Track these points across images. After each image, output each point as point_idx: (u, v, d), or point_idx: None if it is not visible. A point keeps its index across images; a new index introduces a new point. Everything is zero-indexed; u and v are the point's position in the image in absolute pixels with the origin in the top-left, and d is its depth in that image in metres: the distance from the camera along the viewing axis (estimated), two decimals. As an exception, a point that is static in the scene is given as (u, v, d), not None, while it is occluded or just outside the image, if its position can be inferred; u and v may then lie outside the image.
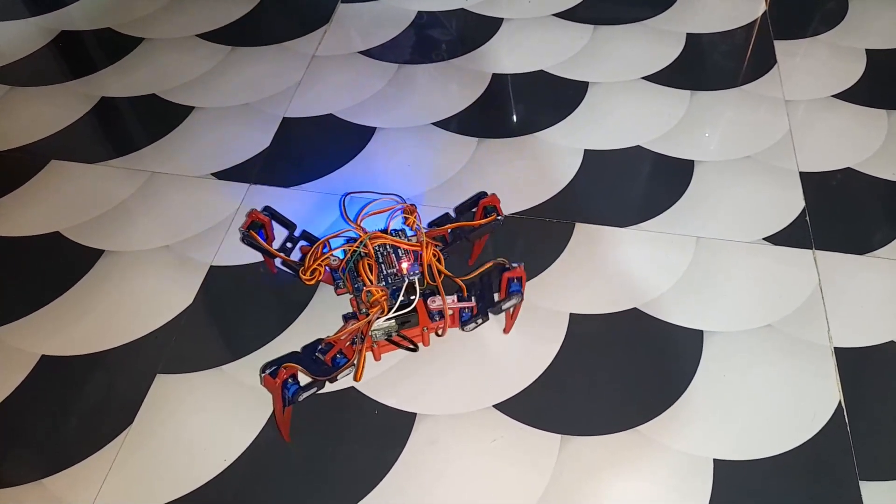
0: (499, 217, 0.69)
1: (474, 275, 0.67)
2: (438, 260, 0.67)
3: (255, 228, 0.69)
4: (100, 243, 0.80)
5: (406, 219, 0.70)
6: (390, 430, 0.64)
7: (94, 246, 0.79)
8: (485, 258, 0.76)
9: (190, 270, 0.76)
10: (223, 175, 0.87)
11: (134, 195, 0.85)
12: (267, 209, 0.71)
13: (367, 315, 0.62)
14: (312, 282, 0.68)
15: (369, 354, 0.66)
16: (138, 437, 0.64)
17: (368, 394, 0.66)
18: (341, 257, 0.68)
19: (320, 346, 0.61)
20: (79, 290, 0.75)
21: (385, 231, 0.69)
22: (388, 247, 0.67)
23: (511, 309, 0.66)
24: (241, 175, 0.87)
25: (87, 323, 0.72)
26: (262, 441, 0.63)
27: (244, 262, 0.77)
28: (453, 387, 0.67)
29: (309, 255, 0.68)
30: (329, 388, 0.67)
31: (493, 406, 0.65)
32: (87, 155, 0.90)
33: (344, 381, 0.67)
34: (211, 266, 0.77)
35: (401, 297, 0.63)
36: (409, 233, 0.70)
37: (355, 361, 0.61)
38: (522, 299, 0.65)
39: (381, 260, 0.66)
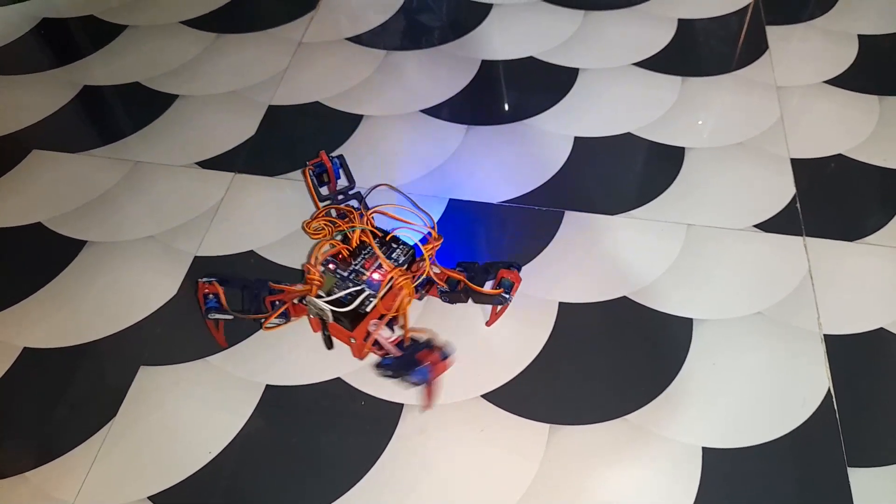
0: (505, 295, 0.65)
1: (418, 336, 0.63)
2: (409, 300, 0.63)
3: (319, 170, 0.71)
4: (83, 234, 0.78)
5: (426, 241, 0.66)
6: (378, 420, 0.63)
7: (76, 237, 0.78)
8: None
9: (174, 261, 0.75)
10: (208, 164, 0.86)
11: (117, 185, 0.83)
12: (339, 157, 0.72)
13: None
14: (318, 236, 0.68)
15: (305, 321, 0.66)
16: (122, 430, 0.63)
17: (355, 384, 0.66)
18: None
19: (269, 288, 0.64)
20: (61, 282, 0.74)
21: (386, 235, 0.66)
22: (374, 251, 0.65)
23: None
24: (226, 164, 0.85)
25: (69, 314, 0.71)
26: (248, 433, 0.63)
27: (229, 252, 0.76)
28: (441, 377, 0.66)
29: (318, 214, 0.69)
30: (315, 379, 0.66)
31: (482, 396, 0.65)
32: (69, 144, 0.89)
33: (330, 372, 0.67)
34: (195, 256, 0.76)
35: (341, 294, 0.60)
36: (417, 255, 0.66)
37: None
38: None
39: (362, 254, 0.64)
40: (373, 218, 0.69)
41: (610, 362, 0.67)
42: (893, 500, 0.58)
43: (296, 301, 0.64)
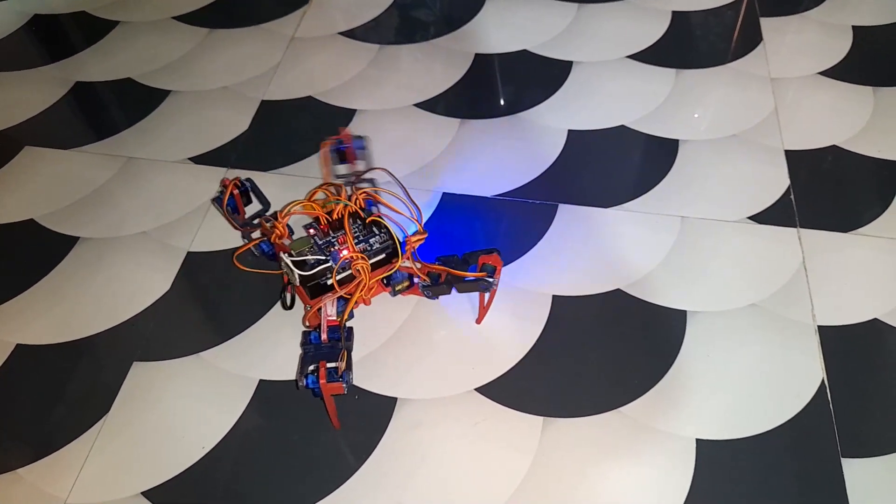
0: (489, 279, 0.63)
1: (340, 320, 0.62)
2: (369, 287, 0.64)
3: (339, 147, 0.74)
4: (75, 230, 0.78)
5: (408, 237, 0.66)
6: (371, 414, 0.63)
7: (69, 233, 0.78)
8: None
9: (167, 256, 0.75)
10: (200, 159, 0.85)
11: (110, 181, 0.83)
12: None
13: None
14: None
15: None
16: (115, 426, 0.63)
17: (349, 378, 0.66)
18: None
19: (274, 215, 0.69)
20: (54, 278, 0.74)
21: (367, 215, 0.67)
22: (354, 227, 0.66)
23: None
24: (219, 159, 0.85)
25: (62, 311, 0.71)
26: (242, 427, 0.63)
27: (222, 247, 0.76)
28: (435, 370, 0.66)
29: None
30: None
31: (475, 389, 0.65)
32: (61, 140, 0.88)
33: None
34: (188, 252, 0.76)
35: (309, 258, 0.63)
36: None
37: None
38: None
39: (337, 228, 0.66)
40: (363, 200, 0.69)
41: (604, 355, 0.67)
42: (887, 491, 0.58)
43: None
